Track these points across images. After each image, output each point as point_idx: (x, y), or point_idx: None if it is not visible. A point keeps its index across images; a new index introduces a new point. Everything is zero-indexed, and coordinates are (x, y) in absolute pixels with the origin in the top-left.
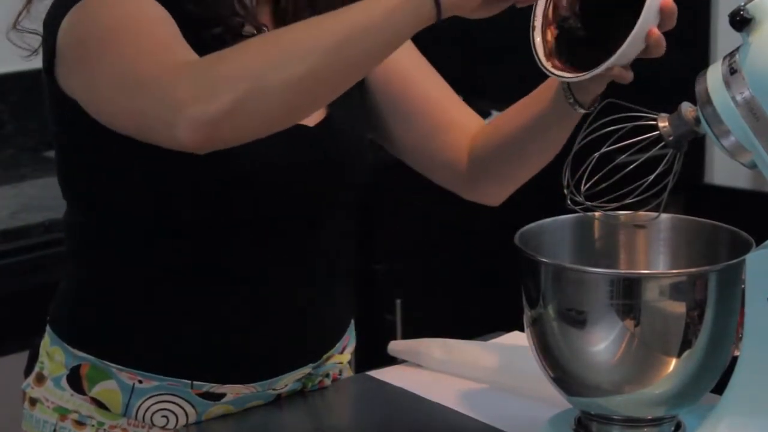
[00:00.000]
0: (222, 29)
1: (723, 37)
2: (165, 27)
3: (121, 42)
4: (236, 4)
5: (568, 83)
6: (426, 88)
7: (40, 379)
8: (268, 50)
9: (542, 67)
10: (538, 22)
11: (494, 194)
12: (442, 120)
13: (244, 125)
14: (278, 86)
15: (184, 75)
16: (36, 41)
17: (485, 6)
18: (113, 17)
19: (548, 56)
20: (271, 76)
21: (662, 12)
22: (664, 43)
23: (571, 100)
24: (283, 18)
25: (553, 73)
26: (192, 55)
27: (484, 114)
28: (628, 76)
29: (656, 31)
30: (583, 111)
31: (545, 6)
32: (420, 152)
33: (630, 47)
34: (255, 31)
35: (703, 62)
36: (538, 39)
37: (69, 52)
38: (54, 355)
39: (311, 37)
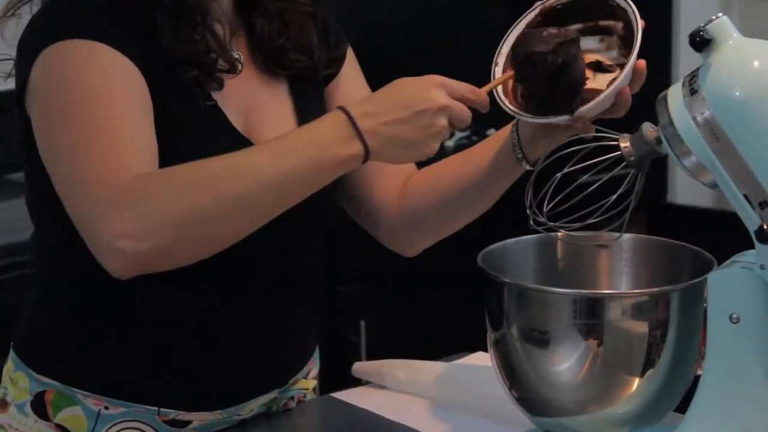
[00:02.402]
0: (196, 72)
1: (684, 57)
2: (128, 109)
3: (78, 125)
4: (209, 37)
5: (518, 137)
6: None
7: (3, 405)
8: (206, 195)
9: (502, 105)
10: (501, 59)
11: (414, 245)
12: (385, 170)
13: (172, 263)
14: (216, 232)
15: (120, 203)
16: (7, 65)
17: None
18: (80, 88)
19: (507, 94)
20: (210, 223)
21: (635, 73)
22: (630, 104)
23: (520, 155)
24: (258, 46)
25: (514, 112)
26: (143, 157)
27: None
28: (592, 129)
29: (628, 92)
30: (528, 167)
31: (512, 44)
32: (356, 195)
33: (603, 102)
34: (228, 66)
35: (664, 83)
36: (499, 73)
37: (35, 98)
38: (18, 380)
39: (250, 183)
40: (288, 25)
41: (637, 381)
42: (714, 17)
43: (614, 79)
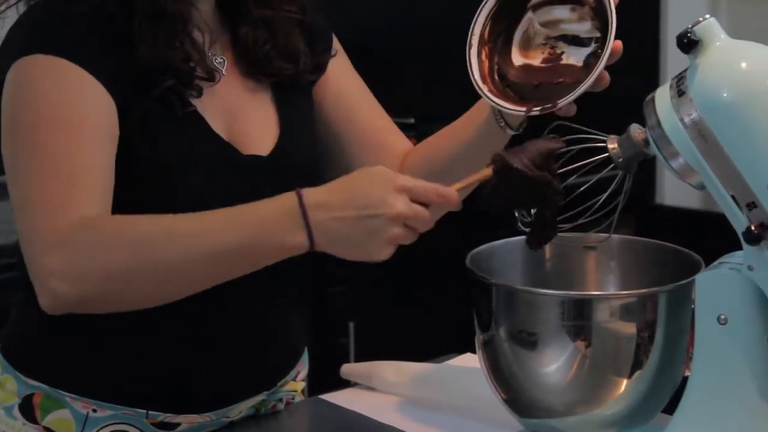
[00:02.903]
0: (174, 81)
1: (672, 59)
2: (88, 142)
3: (40, 150)
4: (188, 45)
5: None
6: (369, 116)
7: None
8: (136, 257)
9: (478, 89)
10: (474, 40)
11: None
12: (378, 146)
13: (102, 309)
14: (136, 295)
15: (61, 247)
16: None
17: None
18: (46, 109)
19: (484, 78)
20: (139, 285)
21: (612, 53)
22: (608, 82)
23: (502, 123)
24: (244, 50)
25: (498, 104)
26: (93, 198)
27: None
28: (572, 110)
29: (607, 75)
30: (512, 132)
31: (483, 25)
32: None
33: (590, 84)
34: (207, 75)
35: (652, 84)
36: (474, 57)
37: (4, 108)
38: (6, 383)
39: (179, 259)
40: (275, 33)
41: (625, 382)
42: (701, 19)
43: (593, 64)
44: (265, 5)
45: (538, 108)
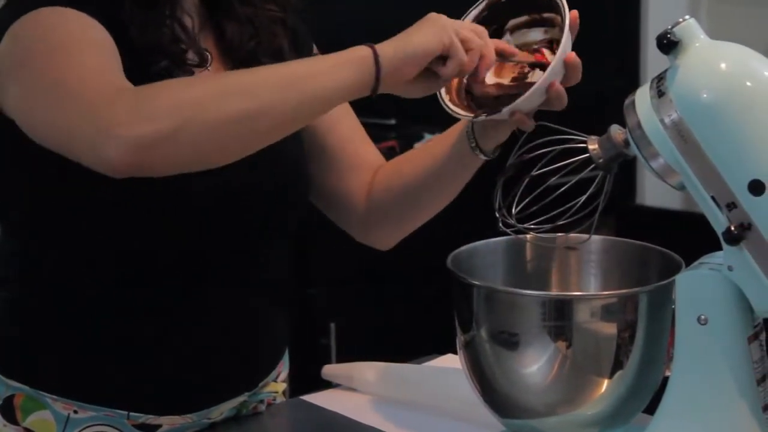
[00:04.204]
0: (167, 61)
1: (653, 60)
2: (108, 52)
3: (64, 58)
4: (177, 29)
5: (472, 128)
6: (347, 129)
7: None
8: (211, 85)
9: (443, 104)
10: None
11: (385, 238)
12: (353, 160)
13: (176, 154)
14: (218, 120)
15: (124, 97)
16: None
17: (419, 87)
18: (58, 34)
19: (448, 90)
20: (212, 108)
21: (567, 66)
22: (565, 98)
23: (473, 145)
24: (229, 50)
25: (452, 111)
26: (129, 85)
27: (418, 137)
28: (530, 123)
29: (558, 86)
30: (484, 157)
31: None
32: (327, 189)
33: (532, 96)
34: (198, 59)
35: (633, 85)
36: None
37: (8, 61)
38: None
39: (256, 77)
40: (258, 30)
41: (606, 382)
42: (681, 20)
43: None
44: (247, 2)
45: (485, 114)
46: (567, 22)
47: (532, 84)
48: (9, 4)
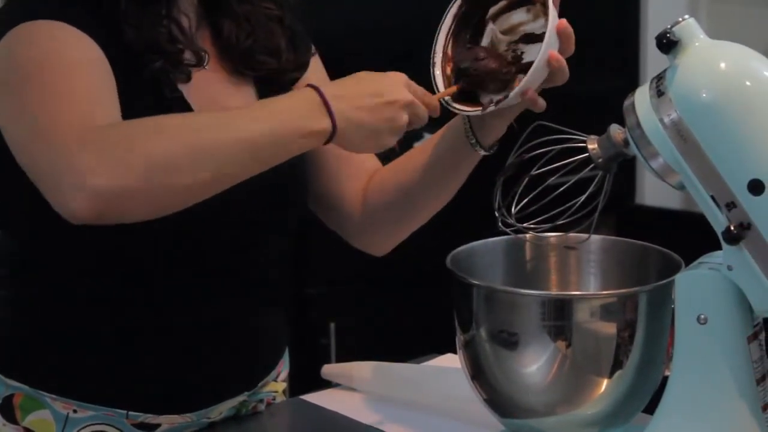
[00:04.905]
0: (162, 61)
1: (652, 59)
2: (89, 74)
3: (41, 84)
4: (174, 28)
5: (470, 123)
6: None
7: None
8: (184, 138)
9: (443, 102)
10: (438, 57)
11: (381, 243)
12: (349, 164)
13: (138, 209)
14: (186, 185)
15: (95, 142)
16: None
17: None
18: (39, 53)
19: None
20: (183, 172)
21: (560, 35)
22: (566, 69)
23: (473, 141)
24: (226, 47)
25: (454, 108)
26: (110, 112)
27: (417, 137)
28: (542, 102)
29: (557, 54)
30: (483, 152)
31: (445, 42)
32: (323, 194)
33: (537, 71)
34: (195, 59)
35: (632, 84)
36: (438, 73)
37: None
38: None
39: (225, 140)
40: (255, 28)
41: (605, 382)
42: (681, 19)
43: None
44: (244, 0)
45: (493, 103)
46: None
47: (530, 63)
48: (9, 4)
